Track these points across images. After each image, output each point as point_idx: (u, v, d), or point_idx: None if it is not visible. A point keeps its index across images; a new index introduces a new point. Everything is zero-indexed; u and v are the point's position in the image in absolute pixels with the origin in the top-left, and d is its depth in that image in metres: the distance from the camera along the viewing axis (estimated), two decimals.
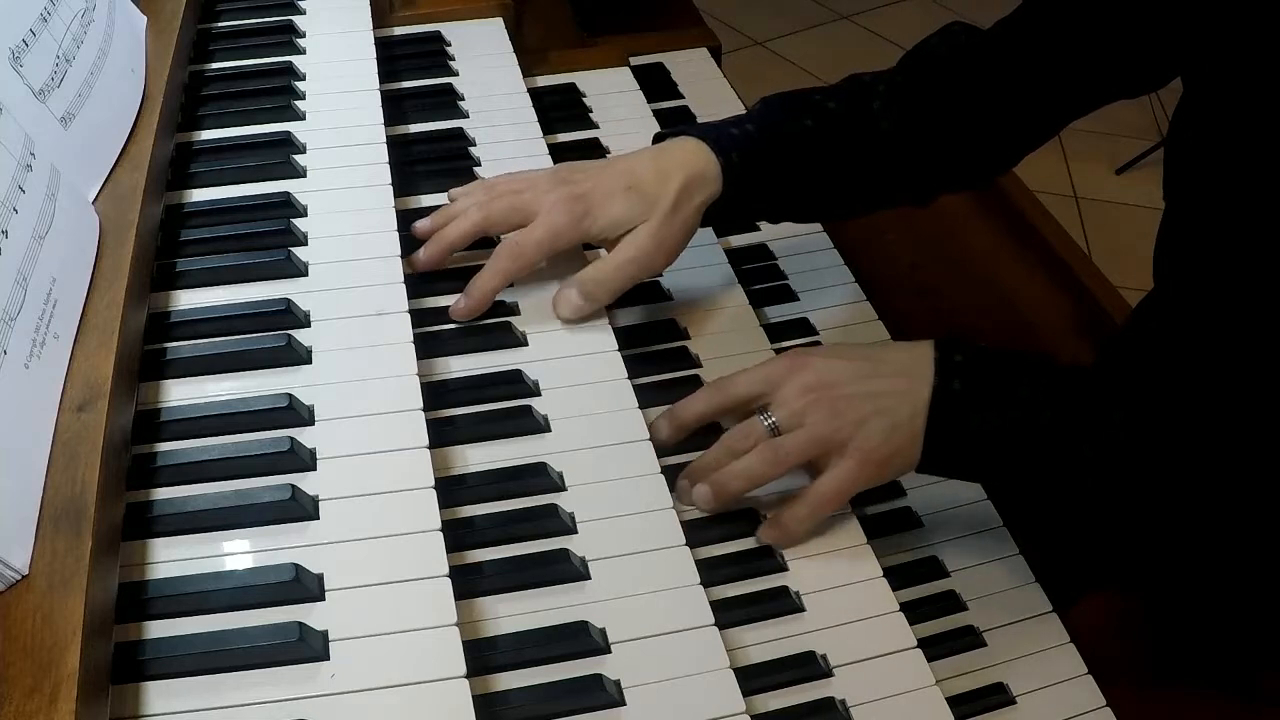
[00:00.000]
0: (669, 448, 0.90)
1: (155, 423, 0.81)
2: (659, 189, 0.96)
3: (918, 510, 0.93)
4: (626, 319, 1.01)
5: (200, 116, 1.08)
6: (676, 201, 0.95)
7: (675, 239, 0.97)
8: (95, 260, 0.83)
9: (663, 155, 0.98)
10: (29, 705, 0.58)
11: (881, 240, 1.24)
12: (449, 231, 0.98)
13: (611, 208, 0.95)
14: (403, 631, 0.71)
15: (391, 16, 1.30)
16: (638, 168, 0.97)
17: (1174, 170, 0.96)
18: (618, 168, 0.98)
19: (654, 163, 0.97)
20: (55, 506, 0.67)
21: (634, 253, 0.95)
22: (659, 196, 0.95)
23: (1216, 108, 0.89)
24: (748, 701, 0.73)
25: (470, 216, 0.97)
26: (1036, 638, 0.86)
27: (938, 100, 1.02)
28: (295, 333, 0.88)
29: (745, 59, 3.54)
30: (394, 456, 0.80)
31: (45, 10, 0.91)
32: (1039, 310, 1.22)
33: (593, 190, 0.96)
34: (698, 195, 0.96)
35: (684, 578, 0.79)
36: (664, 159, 0.97)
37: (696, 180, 0.96)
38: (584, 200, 0.96)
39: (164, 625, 0.70)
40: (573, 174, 0.99)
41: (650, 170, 0.97)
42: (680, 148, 0.98)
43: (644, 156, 0.99)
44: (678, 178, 0.96)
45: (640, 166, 0.97)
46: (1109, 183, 3.19)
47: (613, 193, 0.96)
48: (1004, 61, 1.01)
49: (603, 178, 0.97)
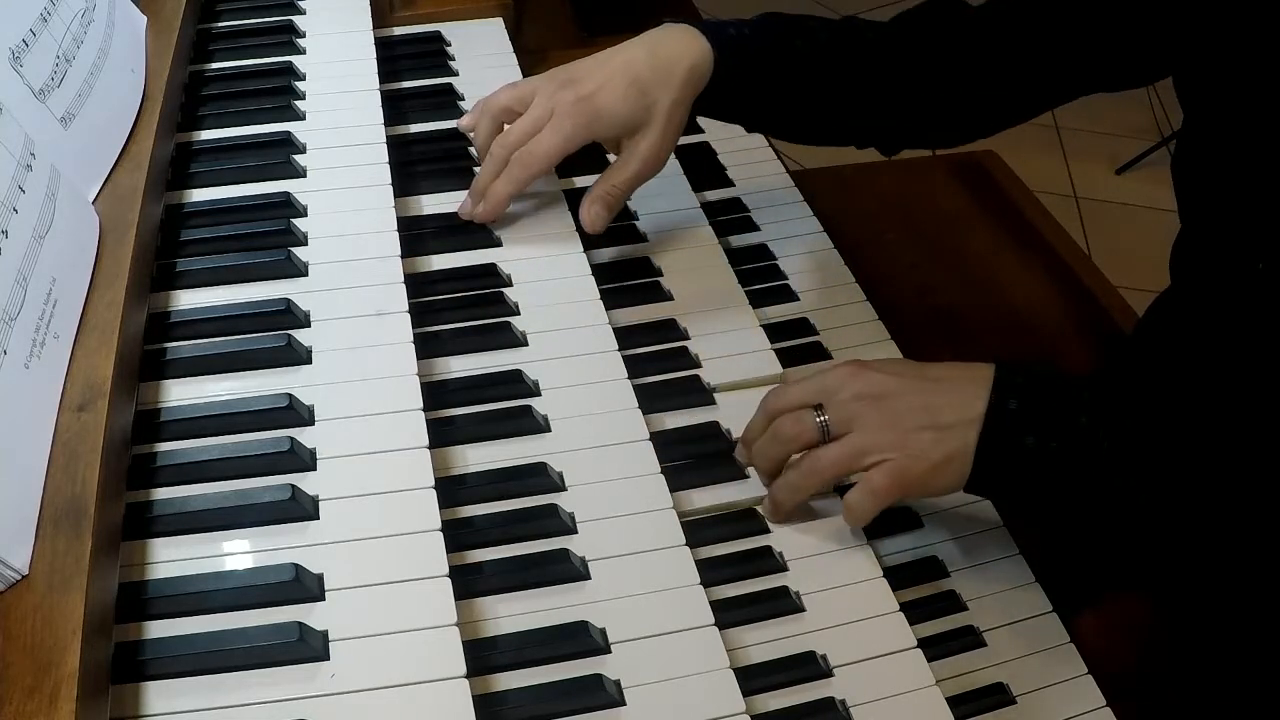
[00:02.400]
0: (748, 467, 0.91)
1: (155, 423, 0.81)
2: (661, 85, 0.99)
3: (918, 510, 0.93)
4: (626, 319, 1.01)
5: (200, 116, 1.09)
6: (676, 100, 0.99)
7: (675, 135, 1.01)
8: (95, 260, 0.83)
9: (661, 45, 1.00)
10: (29, 705, 0.58)
11: (882, 240, 1.24)
12: (496, 189, 1.01)
13: (618, 109, 0.98)
14: (403, 631, 0.71)
15: (391, 16, 1.30)
16: (636, 62, 0.99)
17: (1183, 177, 0.96)
18: (616, 63, 1.00)
19: (653, 54, 1.00)
20: (55, 506, 0.67)
21: (640, 165, 1.00)
22: (661, 93, 0.99)
23: (1216, 109, 0.89)
24: (748, 701, 0.73)
25: (497, 157, 1.01)
26: (1036, 638, 0.86)
27: (920, 63, 1.04)
28: (295, 333, 0.88)
29: None
30: (394, 456, 0.80)
31: (45, 10, 0.91)
32: (1039, 310, 1.22)
33: (597, 91, 0.99)
34: (692, 89, 1.00)
35: (684, 578, 0.79)
36: (663, 49, 1.00)
37: (695, 74, 0.99)
38: (590, 102, 0.98)
39: (164, 625, 0.70)
40: (573, 74, 1.01)
41: (649, 62, 0.99)
42: (678, 37, 1.00)
43: (641, 47, 1.01)
44: (679, 70, 0.99)
45: (638, 60, 1.00)
46: (1109, 183, 3.18)
47: (617, 92, 0.98)
48: (989, 38, 1.03)
49: (605, 75, 0.99)
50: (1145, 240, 2.95)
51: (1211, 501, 0.80)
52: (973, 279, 1.26)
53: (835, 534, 0.87)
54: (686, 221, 1.08)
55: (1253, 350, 0.88)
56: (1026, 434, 0.81)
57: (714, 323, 1.02)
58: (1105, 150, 3.21)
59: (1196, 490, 0.80)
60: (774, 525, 0.87)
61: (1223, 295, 0.92)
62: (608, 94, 0.98)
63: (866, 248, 1.19)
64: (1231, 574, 0.88)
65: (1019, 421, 0.81)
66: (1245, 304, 0.89)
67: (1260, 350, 0.87)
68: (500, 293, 0.98)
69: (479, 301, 0.97)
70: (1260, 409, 0.80)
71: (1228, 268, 0.91)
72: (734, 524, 0.87)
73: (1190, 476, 0.80)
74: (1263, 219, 0.86)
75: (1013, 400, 0.82)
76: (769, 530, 0.87)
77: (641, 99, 0.98)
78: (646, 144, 1.00)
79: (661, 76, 0.99)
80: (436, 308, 0.96)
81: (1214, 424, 0.81)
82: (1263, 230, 0.87)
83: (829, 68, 1.03)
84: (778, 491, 0.86)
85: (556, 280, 0.99)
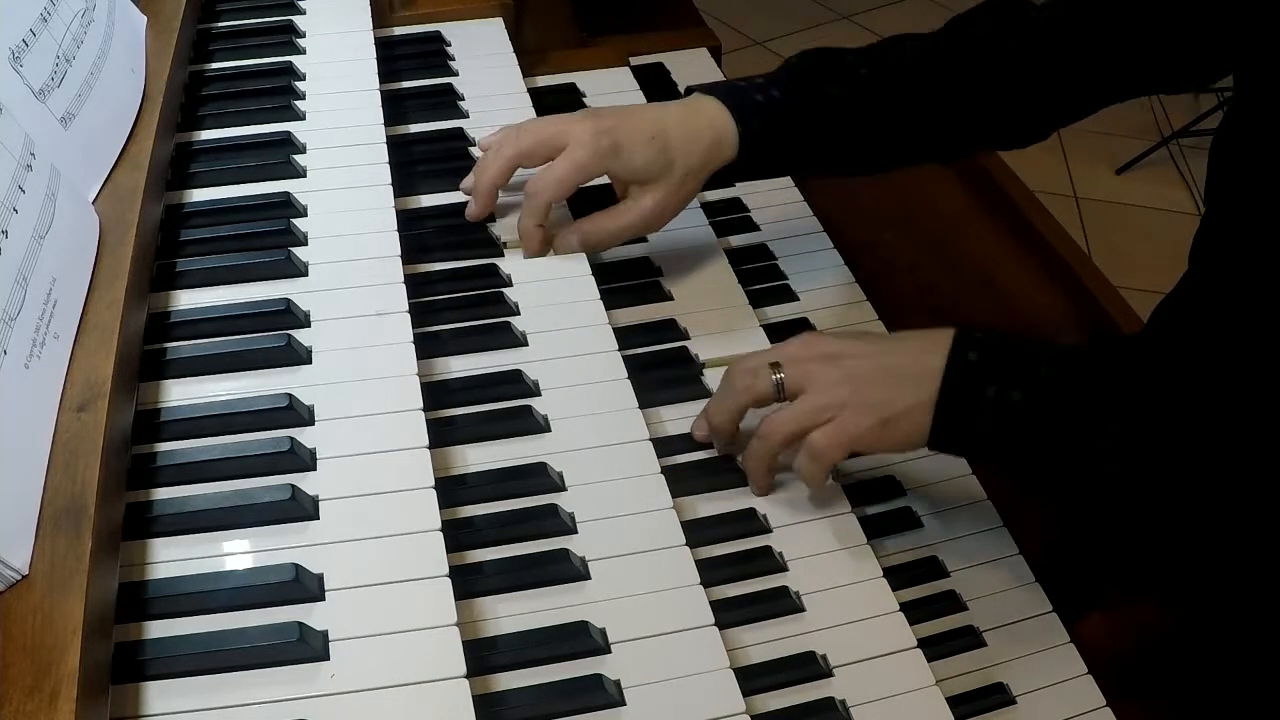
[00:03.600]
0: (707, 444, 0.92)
1: (155, 423, 0.81)
2: (683, 150, 0.98)
3: (918, 510, 0.93)
4: (626, 319, 1.01)
5: (200, 116, 1.09)
6: (693, 170, 0.99)
7: (679, 205, 1.01)
8: (95, 260, 0.83)
9: (692, 114, 1.00)
10: (29, 705, 0.58)
11: (881, 240, 1.24)
12: (487, 174, 1.01)
13: (636, 154, 0.98)
14: (403, 631, 0.71)
15: (391, 16, 1.30)
16: (666, 120, 0.99)
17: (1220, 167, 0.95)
18: (647, 114, 1.00)
19: (683, 119, 0.99)
20: (55, 506, 0.67)
21: (638, 218, 1.00)
22: (680, 158, 0.98)
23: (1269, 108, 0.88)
24: (748, 701, 0.73)
25: (502, 153, 1.01)
26: (1036, 638, 0.86)
27: (981, 65, 1.02)
28: (295, 333, 0.88)
29: (745, 59, 3.53)
30: (394, 456, 0.80)
31: (45, 10, 0.91)
32: (1039, 310, 1.22)
33: (619, 128, 0.98)
34: (712, 163, 0.99)
35: (684, 578, 0.79)
36: (693, 119, 0.99)
37: (715, 149, 0.99)
38: (611, 135, 0.98)
39: (164, 625, 0.70)
40: (602, 113, 1.01)
41: (678, 127, 0.99)
42: (707, 110, 1.00)
43: (672, 110, 1.01)
44: (702, 143, 0.98)
45: (669, 119, 0.99)
46: (1109, 183, 3.19)
47: (639, 139, 0.98)
48: (1054, 36, 1.01)
49: (631, 119, 0.99)
50: (1145, 240, 2.95)
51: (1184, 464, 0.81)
52: (973, 279, 1.26)
53: (835, 534, 0.87)
54: (686, 221, 1.08)
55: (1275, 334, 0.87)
56: (987, 384, 0.82)
57: (714, 323, 1.02)
58: (1105, 150, 3.21)
59: (1166, 453, 0.81)
60: (774, 525, 0.87)
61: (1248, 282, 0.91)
62: (629, 134, 0.98)
63: (866, 248, 1.19)
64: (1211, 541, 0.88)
65: (979, 372, 0.82)
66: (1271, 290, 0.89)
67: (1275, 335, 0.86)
68: (500, 293, 0.98)
69: (479, 301, 0.97)
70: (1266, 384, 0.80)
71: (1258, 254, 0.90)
72: (734, 524, 0.87)
73: (1159, 438, 0.81)
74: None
75: (972, 353, 0.83)
76: (769, 530, 0.87)
77: (661, 155, 0.98)
78: (652, 199, 0.99)
79: (686, 143, 0.98)
80: (436, 308, 0.96)
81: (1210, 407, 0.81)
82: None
83: (874, 103, 1.01)
84: (747, 462, 0.88)
85: (556, 280, 0.99)
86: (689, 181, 0.99)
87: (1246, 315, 0.89)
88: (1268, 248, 0.87)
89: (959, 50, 1.03)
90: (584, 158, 0.98)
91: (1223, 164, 0.94)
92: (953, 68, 1.02)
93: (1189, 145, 3.15)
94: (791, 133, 1.01)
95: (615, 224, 1.00)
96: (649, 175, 0.98)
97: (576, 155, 0.98)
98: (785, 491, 0.89)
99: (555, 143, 0.99)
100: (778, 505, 0.88)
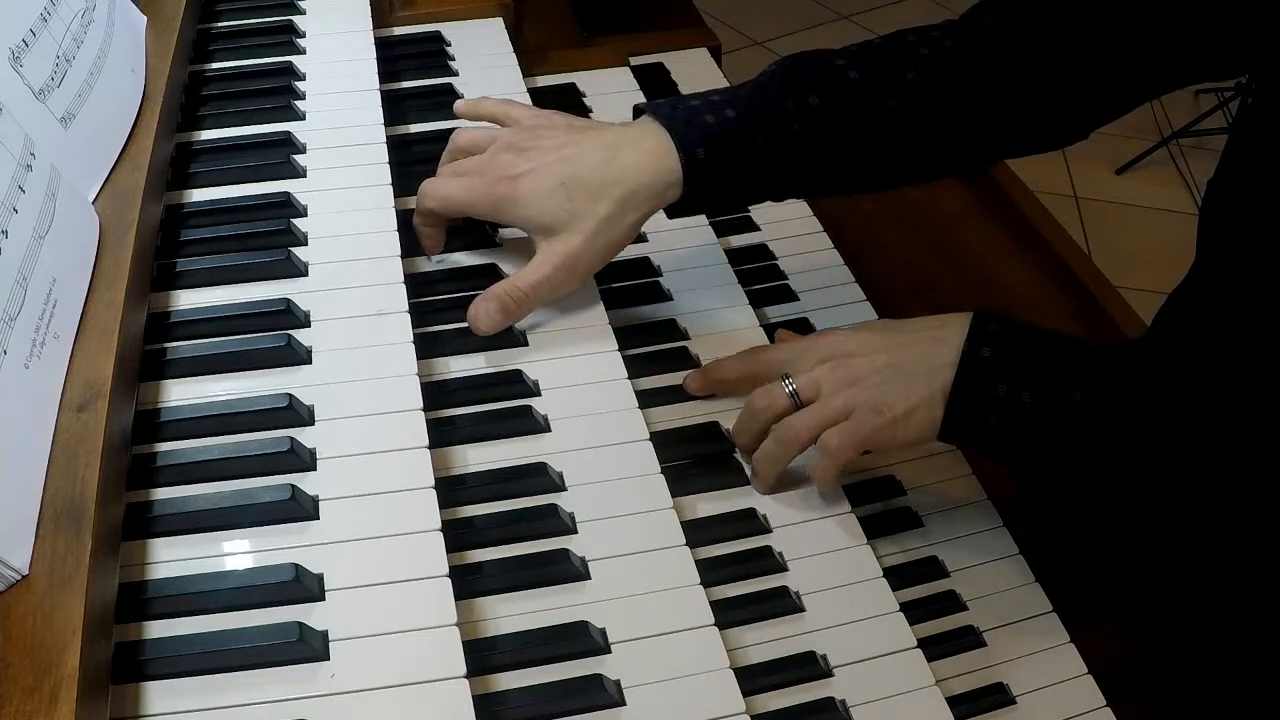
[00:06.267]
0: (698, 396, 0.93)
1: (155, 423, 0.81)
2: (593, 199, 0.91)
3: (918, 510, 0.93)
4: (626, 319, 1.00)
5: (200, 116, 1.08)
6: (607, 218, 0.92)
7: (594, 259, 0.94)
8: (95, 260, 0.83)
9: (619, 150, 0.92)
10: (29, 705, 0.58)
11: (881, 240, 1.24)
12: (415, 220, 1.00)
13: (531, 205, 0.92)
14: (403, 631, 0.71)
15: (391, 16, 1.30)
16: (583, 161, 0.92)
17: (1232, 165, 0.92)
18: (568, 151, 0.93)
19: (604, 160, 0.92)
20: (55, 506, 0.67)
21: (544, 274, 0.93)
22: (587, 208, 0.92)
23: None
24: (748, 701, 0.73)
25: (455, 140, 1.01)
26: (1036, 638, 0.86)
27: (1005, 63, 0.94)
28: (295, 333, 0.88)
29: (745, 59, 3.54)
30: (394, 456, 0.80)
31: (45, 10, 0.91)
32: (1039, 310, 1.22)
33: (524, 177, 0.93)
34: (636, 210, 0.92)
35: (684, 578, 0.79)
36: (618, 156, 0.92)
37: (643, 192, 0.92)
38: (511, 185, 0.93)
39: (164, 625, 0.70)
40: (526, 140, 0.95)
41: (595, 169, 0.92)
42: (640, 145, 0.92)
43: (599, 146, 0.93)
44: (620, 188, 0.91)
45: (587, 159, 0.92)
46: (1109, 183, 3.19)
47: (542, 187, 0.92)
48: (1085, 22, 0.92)
49: (545, 161, 0.93)
50: (1145, 240, 2.95)
51: (1194, 470, 0.81)
52: (973, 279, 1.26)
53: (835, 534, 0.87)
54: (687, 221, 1.08)
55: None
56: (999, 382, 0.82)
57: (714, 323, 1.02)
58: (1105, 150, 3.22)
59: (1176, 458, 0.81)
60: (774, 525, 0.87)
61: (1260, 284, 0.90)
62: (531, 183, 0.92)
63: (866, 248, 1.19)
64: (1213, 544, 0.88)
65: (992, 369, 0.82)
66: None
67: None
68: None
69: None
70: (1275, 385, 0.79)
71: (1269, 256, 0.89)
72: (734, 524, 0.87)
73: (1170, 443, 0.81)
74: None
75: (986, 348, 0.83)
76: (769, 530, 0.87)
77: (567, 203, 0.91)
78: (563, 248, 0.92)
79: (600, 187, 0.91)
80: (436, 308, 0.96)
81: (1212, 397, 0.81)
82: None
83: (869, 111, 0.93)
84: (758, 463, 0.88)
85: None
86: (605, 232, 0.92)
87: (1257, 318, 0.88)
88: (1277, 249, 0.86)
89: (975, 40, 0.95)
90: (474, 200, 0.95)
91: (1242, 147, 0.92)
92: (970, 60, 0.94)
93: (1189, 145, 3.16)
94: (750, 159, 0.92)
95: (530, 280, 0.92)
96: (545, 222, 0.92)
97: (472, 196, 0.94)
98: (785, 491, 0.89)
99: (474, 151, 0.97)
100: (778, 505, 0.88)
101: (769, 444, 0.87)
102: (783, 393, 0.88)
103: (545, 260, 0.93)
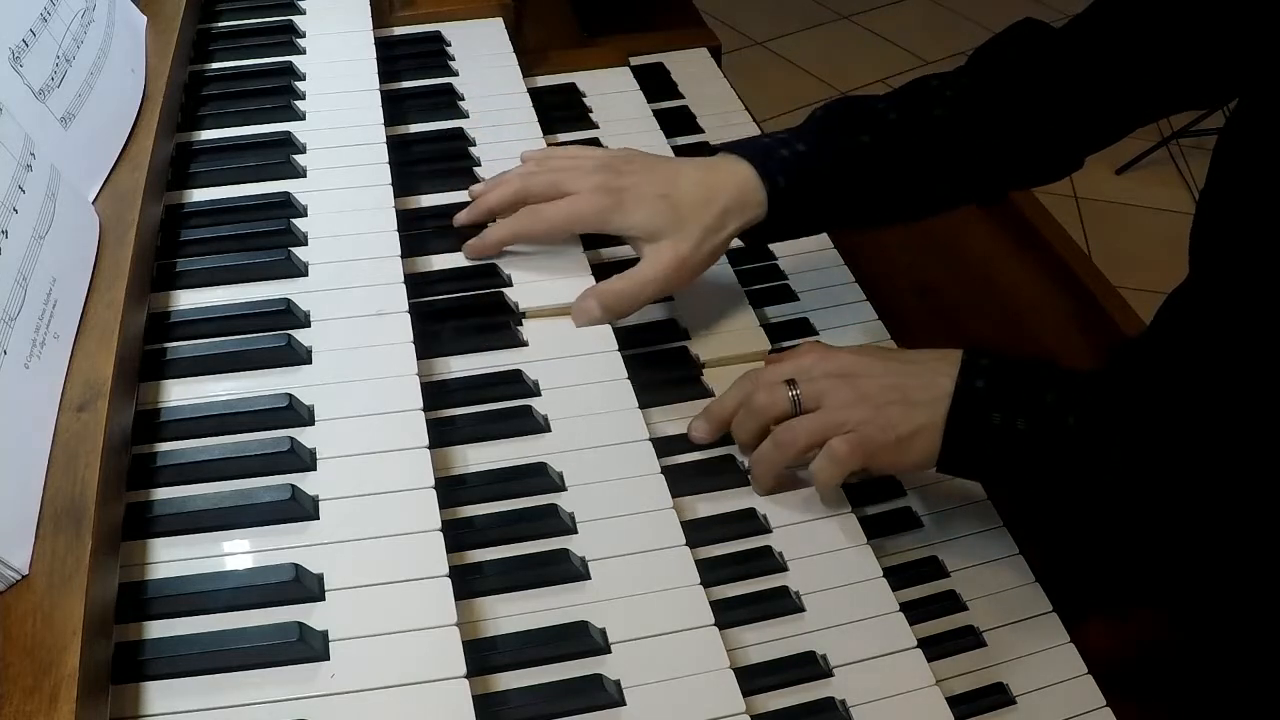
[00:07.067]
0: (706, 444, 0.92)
1: (155, 423, 0.81)
2: (696, 210, 0.96)
3: (918, 510, 0.93)
4: (626, 319, 1.00)
5: (200, 116, 1.09)
6: (710, 228, 0.96)
7: (700, 264, 0.97)
8: (95, 260, 0.83)
9: (711, 173, 0.98)
10: (29, 705, 0.58)
11: (881, 240, 1.24)
12: (489, 197, 1.01)
13: (638, 211, 0.96)
14: (403, 631, 0.71)
15: (391, 16, 1.30)
16: (682, 179, 0.97)
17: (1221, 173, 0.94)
18: (663, 172, 0.99)
19: (700, 179, 0.97)
20: (55, 506, 0.67)
21: (655, 273, 0.96)
22: (692, 217, 0.96)
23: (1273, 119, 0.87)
24: (748, 701, 0.73)
25: (511, 184, 1.01)
26: (1036, 638, 0.86)
27: (1009, 102, 1.00)
28: (295, 333, 0.88)
29: (745, 59, 3.54)
30: (394, 456, 0.80)
31: (45, 10, 0.91)
32: (1039, 310, 1.22)
33: (629, 188, 0.97)
34: (732, 223, 0.97)
35: (684, 578, 0.79)
36: (712, 177, 0.98)
37: (736, 207, 0.97)
38: (616, 195, 0.97)
39: (164, 625, 0.70)
40: (622, 164, 0.99)
41: (693, 186, 0.97)
42: (729, 168, 0.98)
43: (692, 169, 0.99)
44: (719, 202, 0.96)
45: (685, 178, 0.98)
46: (1109, 183, 3.19)
47: (646, 197, 0.96)
48: (1077, 62, 0.99)
49: (645, 178, 0.98)
50: (1145, 240, 2.95)
51: (1189, 487, 0.81)
52: (973, 279, 1.26)
53: (835, 534, 0.87)
54: None
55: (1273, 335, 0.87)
56: (993, 411, 0.83)
57: (714, 323, 1.02)
58: (1105, 150, 3.21)
59: (1171, 475, 0.81)
60: (774, 525, 0.87)
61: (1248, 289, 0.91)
62: (637, 191, 0.97)
63: (866, 248, 1.19)
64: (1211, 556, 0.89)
65: (986, 400, 0.83)
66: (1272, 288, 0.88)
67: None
68: (500, 293, 0.98)
69: (479, 301, 0.97)
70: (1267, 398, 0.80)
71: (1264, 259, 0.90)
72: (734, 524, 0.87)
73: (1164, 460, 0.81)
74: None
75: (980, 380, 0.84)
76: (769, 530, 0.87)
77: (671, 212, 0.96)
78: (673, 252, 0.96)
79: (700, 201, 0.96)
80: (436, 308, 0.96)
81: (1205, 412, 0.81)
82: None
83: (906, 151, 1.00)
84: (755, 464, 0.89)
85: (557, 280, 0.99)
86: (709, 240, 0.96)
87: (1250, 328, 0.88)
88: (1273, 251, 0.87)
89: (987, 83, 1.01)
90: (584, 210, 0.97)
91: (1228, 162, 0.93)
92: (982, 101, 1.00)
93: (1189, 145, 3.16)
94: (822, 186, 0.98)
95: (628, 283, 0.96)
96: (651, 230, 0.96)
97: (579, 206, 0.97)
98: (785, 492, 0.89)
99: (564, 188, 0.98)
100: (778, 505, 0.88)
101: (767, 446, 0.88)
102: (785, 395, 0.88)
103: (656, 262, 0.96)
